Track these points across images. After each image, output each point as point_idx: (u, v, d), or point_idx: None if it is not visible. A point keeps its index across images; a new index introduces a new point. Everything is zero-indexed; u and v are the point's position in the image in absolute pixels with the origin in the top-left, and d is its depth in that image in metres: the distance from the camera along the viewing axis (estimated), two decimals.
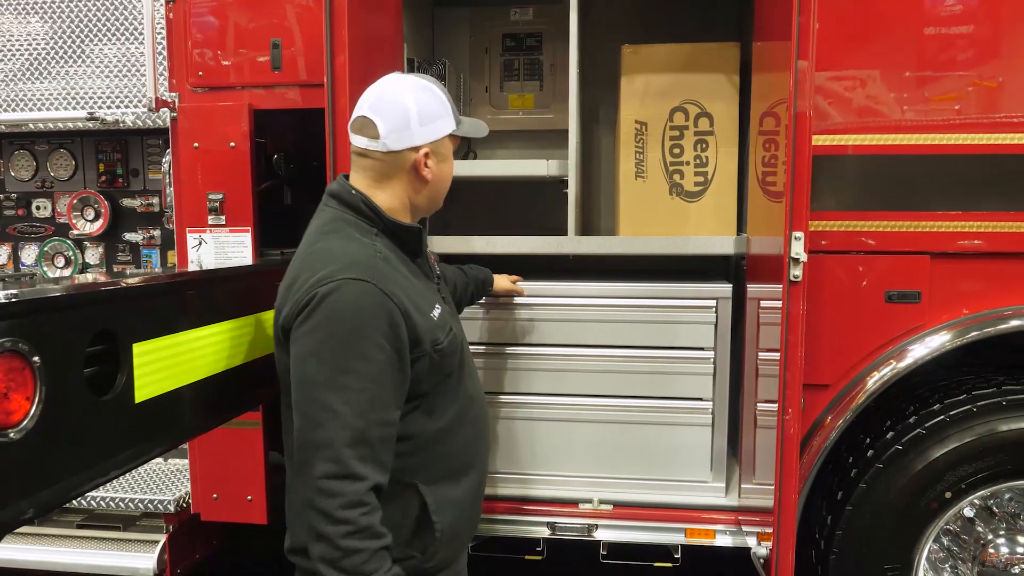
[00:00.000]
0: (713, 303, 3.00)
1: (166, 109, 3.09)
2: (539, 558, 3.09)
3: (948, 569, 3.12)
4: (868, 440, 2.97)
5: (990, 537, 2.98)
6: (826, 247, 2.84)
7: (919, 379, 3.05)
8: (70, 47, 3.36)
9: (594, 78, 3.59)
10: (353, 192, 1.97)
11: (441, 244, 3.15)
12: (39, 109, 3.38)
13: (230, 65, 3.06)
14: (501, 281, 2.99)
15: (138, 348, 1.86)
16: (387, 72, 2.07)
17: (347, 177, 2.03)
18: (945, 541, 3.09)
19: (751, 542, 2.86)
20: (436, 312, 1.96)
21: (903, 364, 2.89)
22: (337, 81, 2.47)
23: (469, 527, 2.15)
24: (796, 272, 2.27)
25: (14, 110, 3.40)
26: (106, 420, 1.76)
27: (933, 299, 2.85)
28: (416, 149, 1.95)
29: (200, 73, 3.06)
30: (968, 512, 3.05)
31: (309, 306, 1.79)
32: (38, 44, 3.37)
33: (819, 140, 2.75)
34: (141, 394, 1.87)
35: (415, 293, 1.92)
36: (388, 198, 1.98)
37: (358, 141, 1.97)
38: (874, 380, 2.92)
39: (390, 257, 1.91)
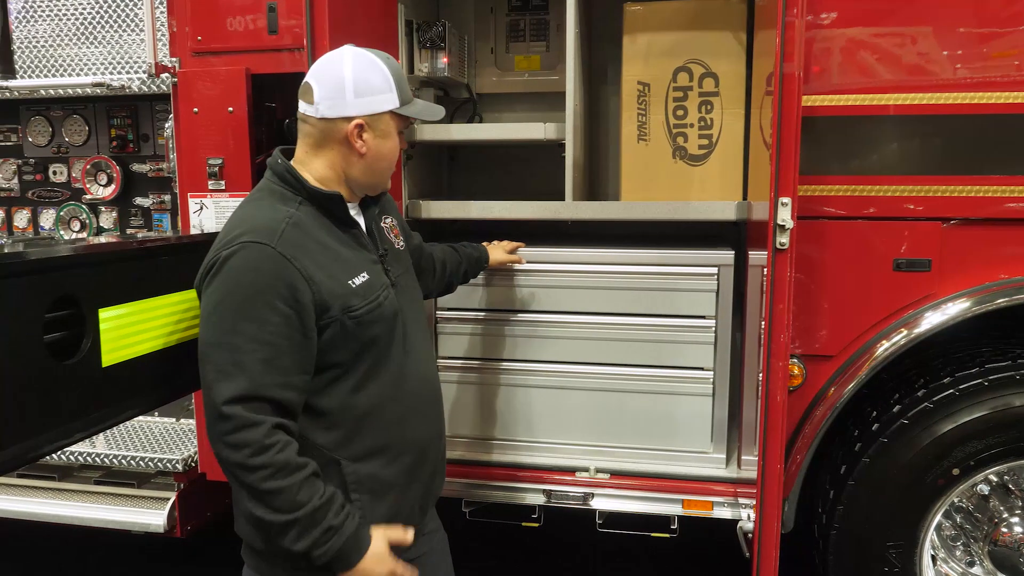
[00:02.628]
0: (715, 270, 2.92)
1: (167, 74, 3.09)
2: (536, 525, 3.09)
3: (960, 547, 3.02)
4: (875, 413, 2.88)
5: (1004, 516, 2.87)
6: (830, 213, 2.73)
7: (934, 351, 2.94)
8: (116, 11, 3.37)
9: (602, 37, 3.49)
10: (279, 162, 1.98)
11: (438, 209, 3.12)
12: (87, 74, 3.40)
13: (228, 29, 3.03)
14: (497, 254, 2.94)
15: (105, 313, 1.88)
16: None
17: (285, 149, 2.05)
18: (958, 519, 3.00)
19: (747, 515, 2.81)
20: (359, 280, 1.93)
21: (919, 330, 2.77)
22: (317, 46, 2.44)
23: (407, 511, 2.08)
24: (783, 239, 2.18)
25: (60, 75, 3.44)
26: (70, 384, 1.79)
27: (944, 268, 2.72)
28: (348, 120, 1.92)
29: (199, 38, 3.05)
30: (983, 489, 2.94)
31: (212, 270, 1.83)
32: (86, 7, 3.39)
33: (822, 101, 2.63)
34: (109, 358, 1.89)
35: (332, 259, 1.90)
36: (322, 167, 1.97)
37: (300, 106, 1.97)
38: (884, 348, 2.80)
39: (306, 224, 1.90)
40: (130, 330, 1.94)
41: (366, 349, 1.95)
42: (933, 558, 2.95)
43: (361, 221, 2.08)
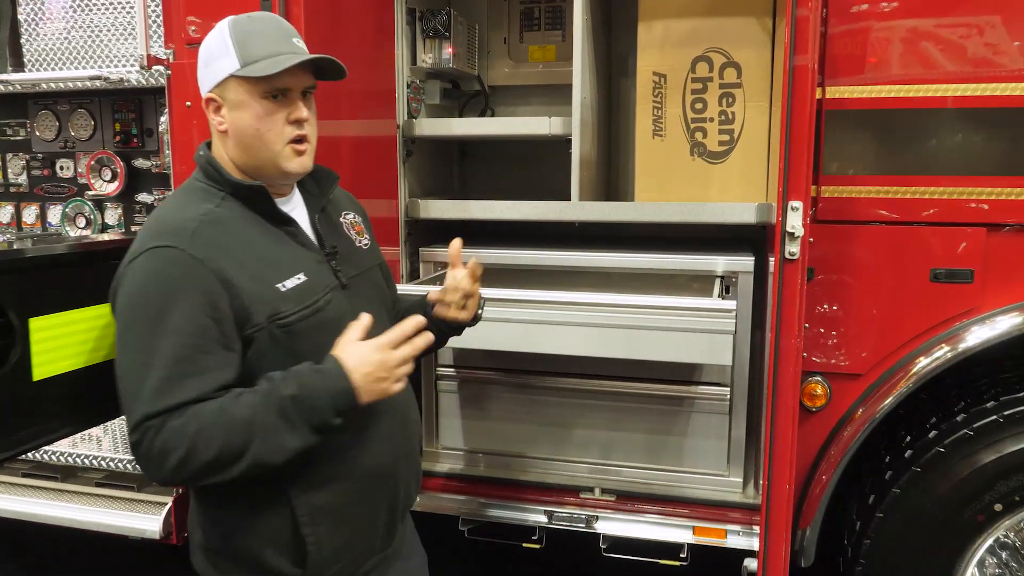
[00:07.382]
0: (732, 278, 2.68)
1: (161, 67, 2.98)
2: (537, 546, 2.89)
3: None
4: (909, 438, 2.60)
5: None
6: (859, 217, 2.47)
7: (979, 370, 2.65)
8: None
9: (622, 25, 3.27)
10: (201, 154, 1.78)
11: (437, 208, 2.95)
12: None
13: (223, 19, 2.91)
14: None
15: (36, 323, 1.75)
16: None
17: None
18: (1004, 555, 2.70)
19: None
20: (292, 283, 1.71)
21: (966, 345, 2.49)
22: None
23: (369, 539, 1.88)
24: (792, 248, 1.93)
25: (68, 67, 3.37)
26: None
27: (988, 279, 2.43)
28: (205, 98, 1.74)
29: (193, 29, 2.93)
30: None
31: (119, 282, 1.65)
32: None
33: (851, 93, 2.37)
34: (40, 371, 1.76)
35: (257, 260, 1.68)
36: (219, 155, 1.78)
37: None
38: (923, 364, 2.53)
39: (228, 221, 1.69)
40: (65, 341, 1.80)
41: (299, 361, 1.69)
42: None
43: (303, 215, 1.87)
